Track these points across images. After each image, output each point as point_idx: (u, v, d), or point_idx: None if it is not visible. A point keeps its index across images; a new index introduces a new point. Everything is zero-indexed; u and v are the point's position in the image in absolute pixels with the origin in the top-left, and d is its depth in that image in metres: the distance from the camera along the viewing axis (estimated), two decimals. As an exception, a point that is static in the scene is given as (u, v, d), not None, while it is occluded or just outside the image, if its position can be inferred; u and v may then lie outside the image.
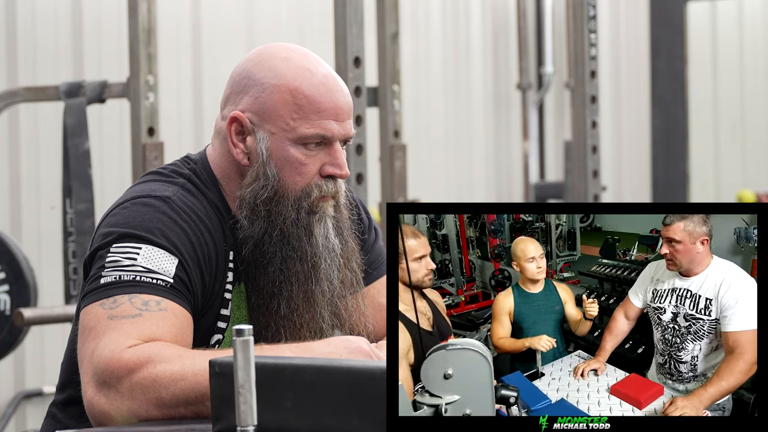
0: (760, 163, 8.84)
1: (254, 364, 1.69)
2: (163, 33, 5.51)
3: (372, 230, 2.55)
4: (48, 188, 5.54)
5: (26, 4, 5.58)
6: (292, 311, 2.32)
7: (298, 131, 2.31)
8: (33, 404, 5.62)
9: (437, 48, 7.70)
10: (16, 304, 4.66)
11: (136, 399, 2.08)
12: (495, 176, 8.15)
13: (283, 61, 2.33)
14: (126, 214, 2.26)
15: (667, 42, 8.87)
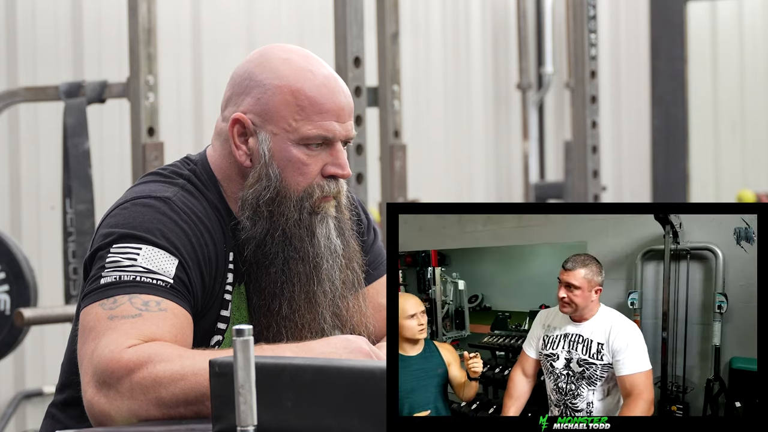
0: (760, 163, 8.84)
1: (254, 364, 1.69)
2: (163, 33, 5.51)
3: (371, 230, 2.56)
4: (48, 188, 5.54)
5: (26, 4, 5.58)
6: (293, 312, 2.32)
7: (300, 132, 2.31)
8: (33, 404, 5.62)
9: (437, 48, 7.70)
10: (16, 304, 4.66)
11: (136, 399, 2.08)
12: (495, 176, 8.15)
13: (285, 62, 2.33)
14: (126, 215, 2.26)
15: (667, 42, 8.87)
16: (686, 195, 8.77)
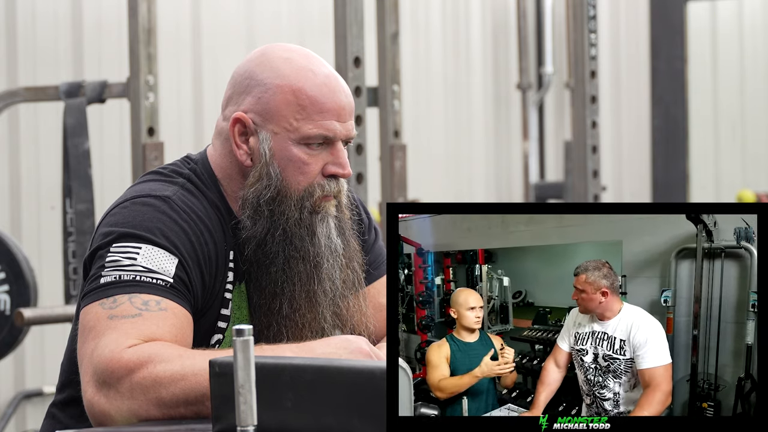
0: (760, 163, 8.84)
1: (254, 364, 1.69)
2: (163, 33, 5.51)
3: (372, 230, 2.56)
4: (48, 188, 5.54)
5: (26, 4, 5.58)
6: (294, 311, 2.33)
7: (301, 131, 2.31)
8: (33, 404, 5.62)
9: (437, 48, 7.70)
10: (16, 304, 4.66)
11: (136, 399, 2.08)
12: (495, 176, 8.15)
13: (286, 62, 2.33)
14: (126, 214, 2.26)
15: (667, 42, 8.87)
16: (686, 195, 8.77)
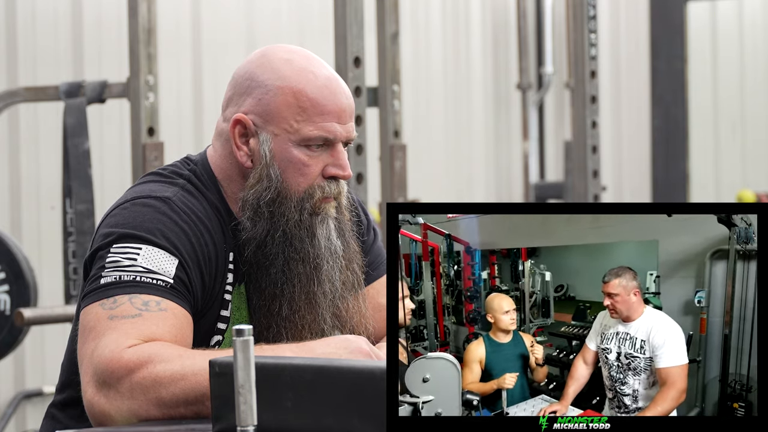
0: (760, 163, 8.84)
1: (254, 364, 1.69)
2: (163, 33, 5.51)
3: (371, 231, 2.56)
4: (48, 188, 5.55)
5: (26, 4, 5.59)
6: (293, 312, 2.33)
7: (301, 133, 2.31)
8: (33, 404, 5.62)
9: (437, 48, 7.71)
10: (16, 304, 4.67)
11: (136, 399, 2.08)
12: (495, 176, 8.15)
13: (286, 63, 2.33)
14: (126, 215, 2.26)
15: (667, 42, 8.87)
16: (686, 195, 8.77)
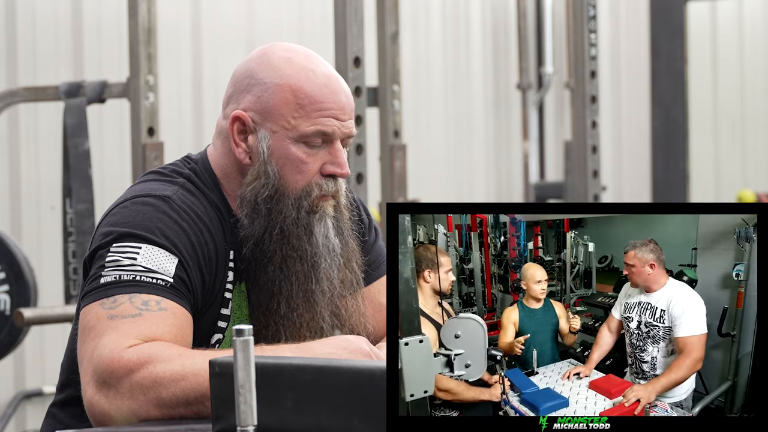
0: (760, 163, 8.84)
1: (254, 364, 1.69)
2: (163, 33, 5.51)
3: (372, 230, 2.56)
4: (48, 188, 5.54)
5: (26, 4, 5.59)
6: (291, 311, 2.33)
7: (299, 129, 2.31)
8: (33, 404, 5.62)
9: (437, 48, 7.71)
10: (16, 304, 4.67)
11: (136, 399, 2.08)
12: (495, 176, 8.15)
13: (286, 61, 2.33)
14: (126, 214, 2.26)
15: (667, 42, 8.87)
16: (686, 195, 8.77)
